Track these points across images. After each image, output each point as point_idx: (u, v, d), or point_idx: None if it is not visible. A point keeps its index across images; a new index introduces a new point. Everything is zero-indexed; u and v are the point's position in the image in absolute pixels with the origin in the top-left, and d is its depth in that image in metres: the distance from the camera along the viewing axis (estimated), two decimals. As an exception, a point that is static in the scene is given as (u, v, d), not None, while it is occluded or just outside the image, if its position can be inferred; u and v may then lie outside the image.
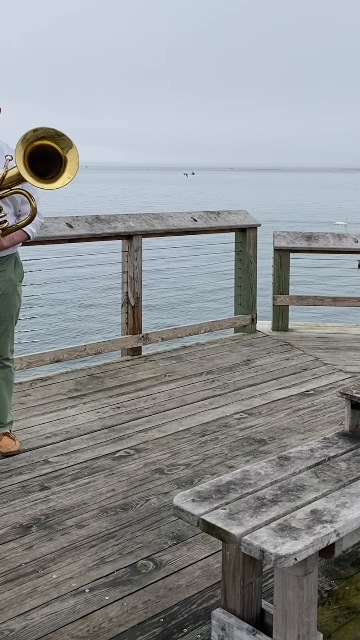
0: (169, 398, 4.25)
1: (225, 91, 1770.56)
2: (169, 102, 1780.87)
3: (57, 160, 2.92)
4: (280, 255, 6.02)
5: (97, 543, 2.62)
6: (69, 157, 2.92)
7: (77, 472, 3.21)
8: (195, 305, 13.23)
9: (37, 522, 2.76)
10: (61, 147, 2.91)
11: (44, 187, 2.89)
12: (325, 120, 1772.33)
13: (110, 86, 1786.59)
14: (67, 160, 2.92)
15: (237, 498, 2.04)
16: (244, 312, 5.93)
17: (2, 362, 3.40)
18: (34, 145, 2.85)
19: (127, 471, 3.23)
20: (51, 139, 2.90)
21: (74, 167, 2.92)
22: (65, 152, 2.91)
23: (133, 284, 5.11)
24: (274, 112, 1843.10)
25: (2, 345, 3.37)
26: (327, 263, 11.70)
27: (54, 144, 2.90)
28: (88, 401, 4.17)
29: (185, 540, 2.65)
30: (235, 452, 3.47)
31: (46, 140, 2.89)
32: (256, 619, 2.05)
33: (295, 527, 1.87)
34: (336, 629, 2.17)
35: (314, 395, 4.36)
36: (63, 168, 2.91)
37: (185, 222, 5.57)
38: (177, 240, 7.06)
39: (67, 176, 2.90)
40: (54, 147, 2.90)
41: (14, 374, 3.50)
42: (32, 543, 2.61)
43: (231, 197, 59.93)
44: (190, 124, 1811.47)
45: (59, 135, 2.89)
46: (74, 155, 2.93)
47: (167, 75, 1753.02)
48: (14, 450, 3.40)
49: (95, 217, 5.04)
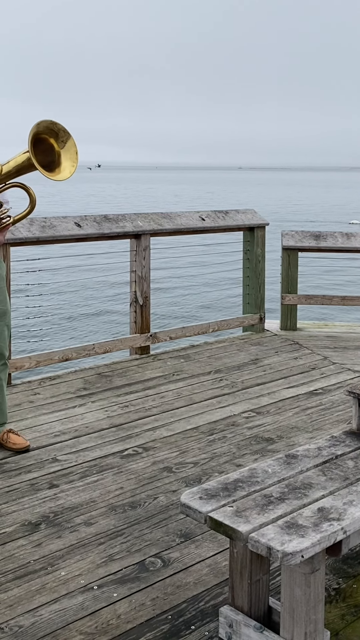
0: (177, 397, 4.26)
1: (233, 90, 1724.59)
2: (177, 101, 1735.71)
3: (53, 151, 2.98)
4: (289, 254, 6.02)
5: (106, 540, 2.63)
6: (67, 146, 2.98)
7: (85, 470, 3.22)
8: (203, 304, 13.24)
9: (45, 520, 2.78)
10: (57, 138, 2.98)
11: (55, 179, 2.94)
12: (334, 118, 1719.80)
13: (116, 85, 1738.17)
14: (63, 151, 2.98)
15: (245, 496, 2.04)
16: (252, 311, 5.93)
17: (4, 363, 3.39)
18: (36, 138, 2.92)
19: (135, 469, 3.24)
20: (48, 131, 2.96)
21: (73, 155, 2.98)
22: (61, 142, 2.98)
23: (141, 283, 5.12)
24: (283, 111, 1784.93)
25: (5, 344, 3.35)
26: (335, 262, 11.68)
27: (50, 135, 2.97)
28: (96, 400, 4.18)
29: (193, 537, 2.66)
30: (243, 451, 3.47)
31: (43, 135, 2.95)
32: (264, 616, 2.05)
33: (303, 524, 1.87)
34: (343, 627, 2.18)
35: (322, 394, 4.36)
36: (60, 158, 2.98)
37: (194, 222, 5.58)
38: (186, 240, 7.07)
39: (71, 164, 2.97)
40: (49, 139, 2.97)
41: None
42: (40, 540, 2.63)
43: (240, 196, 59.87)
44: (199, 123, 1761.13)
45: (53, 124, 2.95)
46: (72, 144, 2.98)
47: (175, 74, 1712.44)
48: (27, 445, 3.41)
49: (103, 217, 5.05)
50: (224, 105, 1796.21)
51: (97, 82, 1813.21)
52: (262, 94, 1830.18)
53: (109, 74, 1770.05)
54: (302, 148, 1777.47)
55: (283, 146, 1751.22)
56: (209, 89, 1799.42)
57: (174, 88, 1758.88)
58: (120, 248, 5.68)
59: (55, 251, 6.39)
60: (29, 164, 2.97)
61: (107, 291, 13.12)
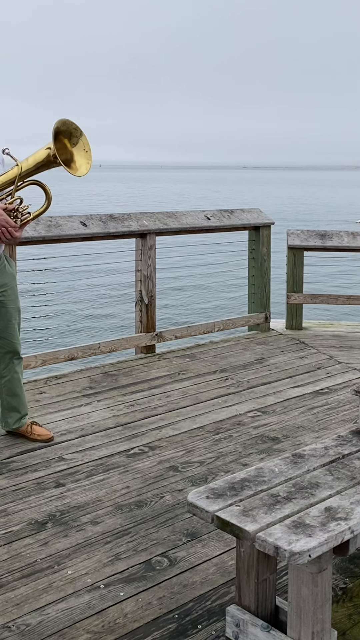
0: (183, 396, 4.26)
1: (238, 88, 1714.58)
2: (182, 100, 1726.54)
3: (67, 149, 3.07)
4: (294, 253, 6.01)
5: (112, 539, 2.64)
6: (80, 144, 3.09)
7: (91, 469, 3.23)
8: (208, 303, 13.23)
9: (52, 519, 2.78)
10: (71, 136, 3.08)
11: (76, 175, 3.06)
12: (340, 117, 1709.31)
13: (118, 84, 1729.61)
14: (76, 149, 3.09)
15: (251, 495, 2.04)
16: (258, 311, 5.93)
17: (19, 357, 3.49)
18: (58, 135, 3.04)
19: (141, 468, 3.25)
20: (63, 130, 3.06)
21: (88, 153, 3.09)
22: (74, 141, 3.08)
23: (147, 282, 5.12)
24: (288, 109, 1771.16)
25: (18, 340, 3.45)
26: (341, 261, 11.66)
27: (64, 135, 3.07)
28: (102, 399, 4.19)
29: (199, 537, 2.66)
30: (249, 450, 3.47)
31: (60, 133, 3.05)
32: (270, 615, 2.05)
33: (310, 524, 1.87)
34: (351, 627, 2.17)
35: (328, 394, 4.35)
36: (74, 156, 3.08)
37: (199, 221, 5.57)
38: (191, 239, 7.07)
39: (86, 162, 3.09)
40: (63, 138, 3.07)
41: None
42: (47, 539, 2.63)
43: (245, 195, 59.80)
44: (203, 122, 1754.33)
45: (67, 123, 3.05)
46: (85, 142, 3.09)
47: (180, 73, 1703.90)
48: (51, 436, 3.53)
49: (109, 216, 5.06)
50: (228, 103, 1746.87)
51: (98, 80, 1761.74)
52: (266, 92, 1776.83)
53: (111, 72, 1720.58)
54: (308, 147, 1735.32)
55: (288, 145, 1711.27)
56: (212, 87, 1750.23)
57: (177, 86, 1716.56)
58: (126, 247, 5.68)
59: (61, 250, 6.40)
60: (49, 161, 3.04)
61: (113, 290, 13.12)
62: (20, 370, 3.53)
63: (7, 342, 3.40)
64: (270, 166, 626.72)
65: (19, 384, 3.51)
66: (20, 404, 3.53)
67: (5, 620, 2.16)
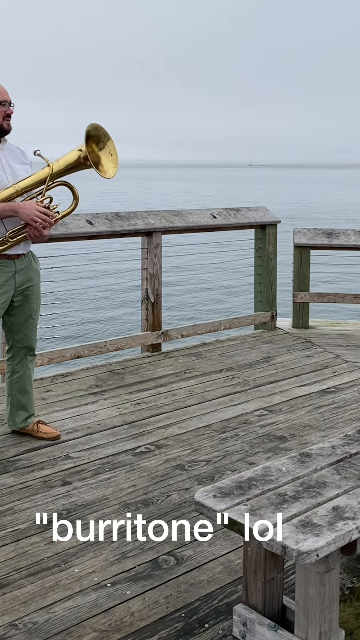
0: (189, 394, 4.26)
1: (244, 87, 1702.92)
2: (187, 98, 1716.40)
3: (94, 152, 3.22)
4: (301, 252, 6.00)
5: (119, 538, 2.64)
6: (107, 148, 3.24)
7: (98, 468, 3.23)
8: (215, 302, 13.22)
9: (59, 517, 2.78)
10: (99, 141, 3.22)
11: (105, 177, 3.21)
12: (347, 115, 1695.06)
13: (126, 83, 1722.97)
14: (103, 153, 3.24)
15: (259, 494, 2.04)
16: (264, 309, 5.92)
17: (33, 354, 3.54)
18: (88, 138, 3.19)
19: (147, 467, 3.25)
20: (93, 134, 3.20)
21: (114, 157, 3.25)
22: (102, 144, 3.22)
23: (153, 281, 5.12)
24: (293, 107, 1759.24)
25: (35, 337, 3.50)
26: (348, 260, 11.62)
27: (93, 139, 3.21)
28: (109, 397, 4.19)
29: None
30: (256, 449, 3.46)
31: (90, 139, 3.21)
32: (278, 615, 2.05)
33: (317, 523, 1.86)
34: (358, 626, 2.17)
35: (335, 393, 4.34)
36: (101, 160, 3.23)
37: (205, 219, 5.57)
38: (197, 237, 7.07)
39: (113, 165, 3.23)
40: (92, 142, 3.21)
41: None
42: (54, 537, 2.63)
43: (251, 194, 59.74)
44: (209, 120, 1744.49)
45: (97, 128, 3.20)
46: (112, 147, 3.23)
47: (185, 72, 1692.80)
48: (57, 435, 3.54)
49: (115, 214, 5.05)
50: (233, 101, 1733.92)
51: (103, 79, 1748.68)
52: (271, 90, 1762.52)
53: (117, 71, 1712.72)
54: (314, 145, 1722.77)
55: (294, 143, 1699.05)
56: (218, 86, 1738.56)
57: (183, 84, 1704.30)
58: (132, 245, 5.68)
59: (67, 249, 6.40)
60: (79, 163, 3.18)
61: (119, 289, 13.13)
62: (32, 368, 3.57)
63: (25, 336, 3.44)
64: (277, 164, 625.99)
65: (29, 381, 3.54)
66: (29, 403, 3.55)
67: (12, 619, 2.17)
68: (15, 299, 3.32)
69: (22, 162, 3.31)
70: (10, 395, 3.53)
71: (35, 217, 3.12)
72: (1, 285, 3.24)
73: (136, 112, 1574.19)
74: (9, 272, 3.25)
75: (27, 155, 3.37)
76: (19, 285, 3.30)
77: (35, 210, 3.12)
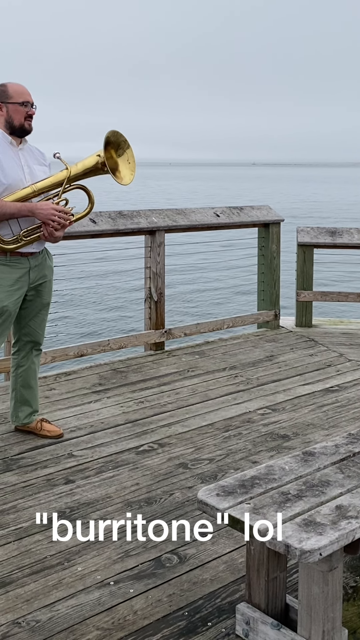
0: (192, 393, 4.26)
1: (247, 85, 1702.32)
2: (190, 97, 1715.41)
3: (113, 159, 3.29)
4: (304, 250, 5.99)
5: (122, 536, 2.64)
6: (125, 156, 3.31)
7: (101, 466, 3.23)
8: (218, 300, 13.21)
9: (62, 515, 2.78)
10: (118, 148, 3.30)
11: (121, 184, 3.28)
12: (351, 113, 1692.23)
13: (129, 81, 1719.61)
14: (122, 160, 3.31)
15: (262, 493, 2.04)
16: (267, 308, 5.91)
17: (39, 349, 3.57)
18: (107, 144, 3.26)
19: (150, 465, 3.25)
20: (113, 141, 3.27)
21: (132, 165, 3.32)
22: (121, 152, 3.30)
23: (156, 279, 5.12)
24: (297, 106, 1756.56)
25: (43, 332, 3.53)
26: (351, 259, 11.61)
27: (112, 146, 3.28)
28: (112, 395, 4.19)
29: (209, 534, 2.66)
30: (259, 448, 3.46)
31: (109, 143, 3.28)
32: (281, 613, 2.05)
33: (320, 522, 1.86)
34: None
35: (338, 392, 4.33)
36: (119, 167, 3.30)
37: (208, 218, 5.56)
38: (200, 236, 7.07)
39: (130, 173, 3.30)
40: (111, 149, 3.29)
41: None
42: (57, 536, 2.63)
43: (255, 192, 59.68)
44: (213, 118, 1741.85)
45: (118, 135, 3.28)
46: (130, 155, 3.31)
47: (188, 71, 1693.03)
48: (60, 433, 3.56)
49: (118, 213, 5.05)
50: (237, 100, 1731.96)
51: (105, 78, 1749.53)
52: (274, 89, 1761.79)
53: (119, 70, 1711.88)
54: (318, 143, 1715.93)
55: (297, 142, 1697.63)
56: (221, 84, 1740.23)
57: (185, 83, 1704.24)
58: (135, 244, 5.68)
59: (70, 247, 6.41)
60: (96, 168, 3.24)
61: (122, 287, 13.13)
62: (38, 363, 3.59)
63: (32, 330, 3.48)
64: (280, 163, 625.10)
65: (34, 376, 3.56)
66: (33, 398, 3.56)
67: (15, 617, 2.17)
68: (28, 293, 3.38)
69: (41, 164, 3.37)
70: (14, 390, 3.55)
71: (53, 217, 3.18)
72: (15, 281, 3.28)
73: (138, 110, 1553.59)
74: (24, 269, 3.30)
75: (47, 157, 3.43)
76: (32, 281, 3.36)
77: (53, 210, 3.18)
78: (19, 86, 3.26)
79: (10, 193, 3.20)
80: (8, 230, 3.22)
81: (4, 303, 3.24)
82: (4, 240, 3.20)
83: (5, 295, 3.24)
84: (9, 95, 3.22)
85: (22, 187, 3.22)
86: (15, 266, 3.28)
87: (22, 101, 3.22)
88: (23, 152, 3.30)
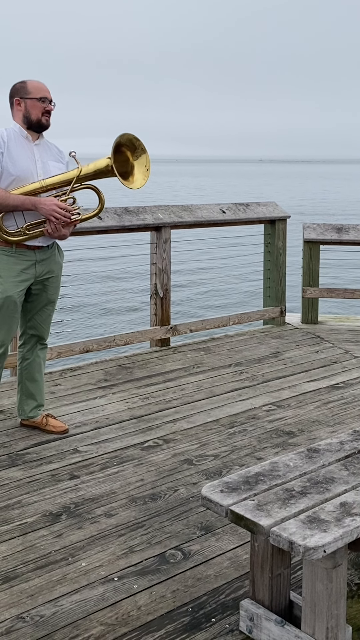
0: (198, 389, 4.26)
1: (253, 82, 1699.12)
2: (197, 93, 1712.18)
3: (128, 162, 3.30)
4: (310, 247, 5.98)
5: (126, 532, 2.64)
6: (140, 160, 3.31)
7: (106, 462, 3.23)
8: (223, 297, 13.20)
9: (66, 511, 2.79)
10: (134, 152, 3.30)
11: (130, 187, 3.27)
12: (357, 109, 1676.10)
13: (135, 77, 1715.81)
14: (137, 164, 3.31)
15: (266, 489, 2.03)
16: (273, 304, 5.90)
17: (44, 344, 3.58)
18: (117, 149, 3.25)
19: (155, 461, 3.25)
20: (128, 145, 3.28)
21: (145, 170, 3.32)
22: (136, 156, 3.30)
23: (161, 276, 5.11)
24: (304, 102, 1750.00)
25: (47, 327, 3.54)
26: (358, 255, 11.57)
27: (128, 149, 3.29)
28: (117, 391, 4.19)
29: (213, 530, 2.66)
30: (264, 444, 3.46)
31: (124, 146, 3.28)
32: (284, 610, 2.04)
33: (325, 519, 1.86)
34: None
35: (344, 388, 4.32)
36: (134, 170, 3.31)
37: (214, 214, 5.55)
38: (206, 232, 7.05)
39: (142, 177, 3.30)
40: (126, 151, 3.30)
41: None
42: (61, 531, 2.64)
43: (262, 189, 59.53)
44: (219, 115, 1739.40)
45: (134, 139, 3.28)
46: (145, 159, 3.31)
47: (194, 66, 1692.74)
48: (66, 428, 3.56)
49: (124, 209, 5.05)
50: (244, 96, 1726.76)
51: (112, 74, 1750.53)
52: (280, 85, 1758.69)
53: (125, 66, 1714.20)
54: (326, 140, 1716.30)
55: (304, 138, 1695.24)
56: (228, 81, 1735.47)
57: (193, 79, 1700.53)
58: (141, 240, 5.67)
59: (76, 243, 6.41)
60: (107, 170, 3.24)
61: (128, 283, 13.14)
62: (44, 357, 3.60)
63: (37, 324, 3.49)
64: (287, 159, 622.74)
65: (39, 370, 3.57)
66: (38, 392, 3.57)
67: (19, 611, 2.17)
68: (33, 287, 3.39)
69: (58, 160, 3.38)
70: (20, 383, 3.56)
71: (55, 213, 3.18)
72: (19, 272, 3.29)
73: (144, 107, 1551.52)
74: (29, 261, 3.31)
75: (65, 156, 3.43)
76: (39, 274, 3.36)
77: (55, 206, 3.19)
78: (37, 83, 3.29)
79: (19, 186, 3.21)
80: (12, 222, 3.24)
81: (8, 293, 3.25)
82: (7, 232, 3.22)
83: (10, 285, 3.26)
84: (28, 91, 3.26)
85: (32, 181, 3.24)
86: (20, 257, 3.29)
87: (40, 97, 3.25)
88: (39, 147, 3.31)
